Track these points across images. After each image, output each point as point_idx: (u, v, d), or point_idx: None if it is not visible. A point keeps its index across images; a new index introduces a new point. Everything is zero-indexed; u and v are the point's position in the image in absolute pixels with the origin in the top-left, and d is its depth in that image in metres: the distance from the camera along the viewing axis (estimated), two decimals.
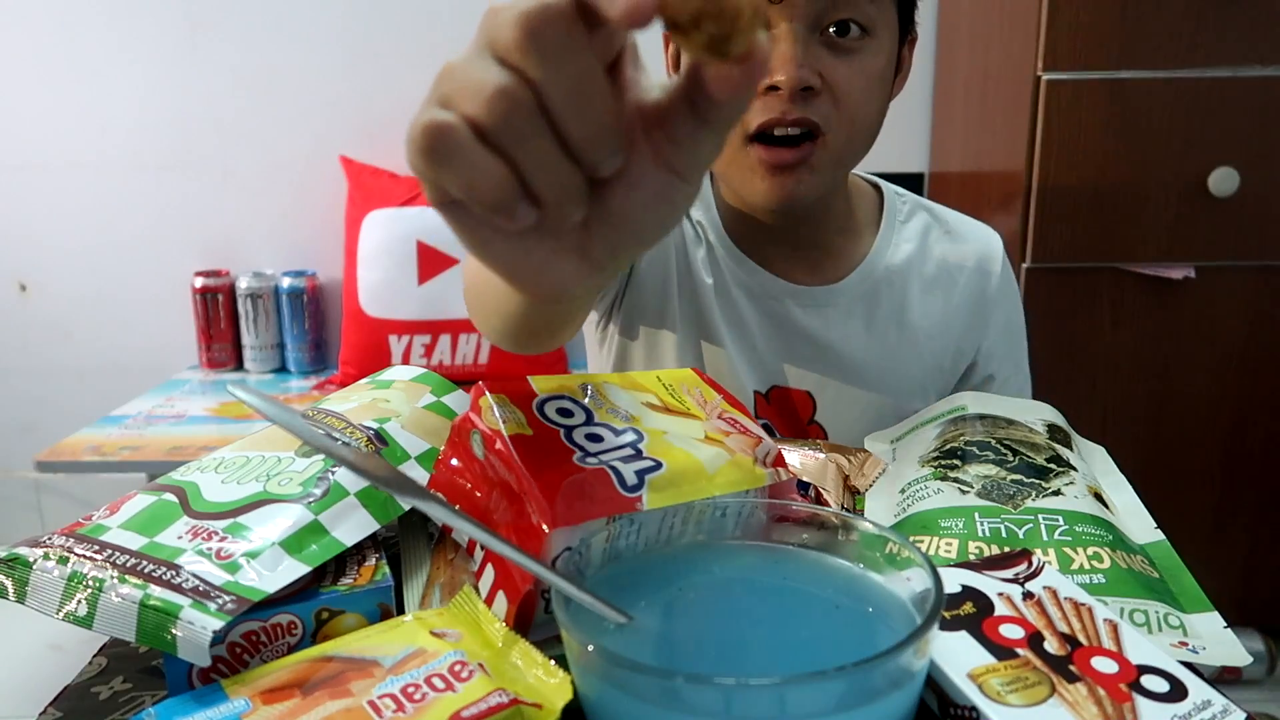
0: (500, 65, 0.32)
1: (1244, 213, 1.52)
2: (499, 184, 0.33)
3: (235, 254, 2.11)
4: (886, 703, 0.34)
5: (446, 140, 0.33)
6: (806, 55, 0.77)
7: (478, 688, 0.38)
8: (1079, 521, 0.52)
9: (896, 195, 0.99)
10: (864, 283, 0.94)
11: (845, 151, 0.83)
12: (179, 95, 2.04)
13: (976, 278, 0.97)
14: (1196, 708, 0.37)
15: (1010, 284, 1.00)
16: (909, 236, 0.97)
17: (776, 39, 0.77)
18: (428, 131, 0.33)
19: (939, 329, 0.95)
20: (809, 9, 0.77)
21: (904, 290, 0.95)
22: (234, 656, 0.44)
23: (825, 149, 0.80)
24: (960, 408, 0.67)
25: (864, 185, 1.00)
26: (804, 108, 0.78)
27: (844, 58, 0.79)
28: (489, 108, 0.32)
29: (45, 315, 2.15)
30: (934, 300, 0.96)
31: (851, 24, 0.78)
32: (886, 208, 0.97)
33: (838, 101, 0.79)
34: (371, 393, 0.60)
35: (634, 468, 0.46)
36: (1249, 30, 1.47)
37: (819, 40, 0.78)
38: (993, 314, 0.98)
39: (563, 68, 0.32)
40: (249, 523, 0.47)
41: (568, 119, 0.32)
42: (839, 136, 0.80)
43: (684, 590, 0.43)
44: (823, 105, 0.79)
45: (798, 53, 0.77)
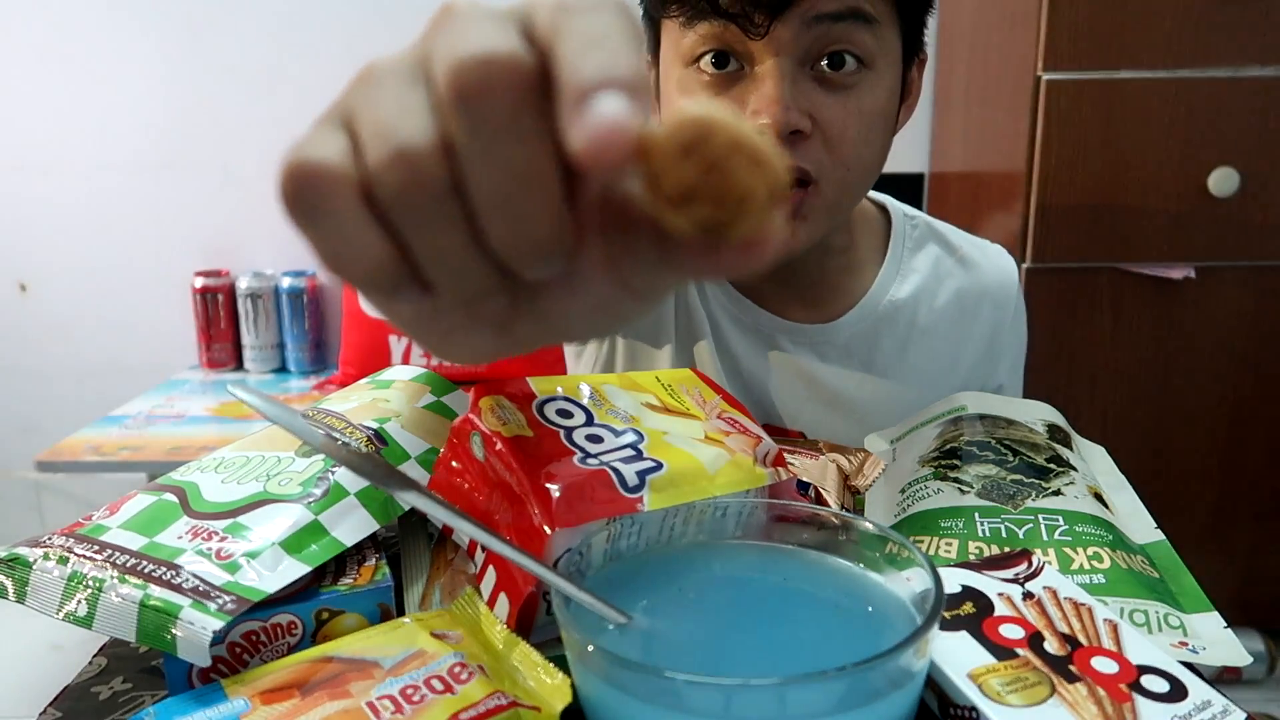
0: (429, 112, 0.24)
1: (1244, 213, 1.52)
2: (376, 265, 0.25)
3: (235, 254, 2.12)
4: (886, 703, 0.34)
5: (315, 192, 0.25)
6: (795, 94, 0.68)
7: (476, 690, 0.38)
8: (1079, 521, 0.52)
9: (906, 219, 0.91)
10: (864, 320, 0.87)
11: (841, 197, 0.75)
12: (179, 95, 2.04)
13: (993, 310, 0.91)
14: (1196, 708, 0.37)
15: (1023, 310, 0.95)
16: (917, 267, 0.89)
17: (761, 77, 0.69)
18: (294, 175, 0.25)
19: (948, 366, 0.89)
20: (795, 42, 0.68)
21: (909, 327, 0.88)
22: (234, 656, 0.44)
23: (818, 196, 0.72)
24: (960, 408, 0.67)
25: (870, 210, 0.92)
26: (792, 154, 0.70)
27: (838, 95, 0.70)
28: (389, 167, 0.24)
29: (45, 315, 2.15)
30: (943, 336, 0.89)
31: (847, 56, 0.69)
32: (894, 235, 0.90)
33: (830, 145, 0.70)
34: (371, 393, 0.60)
35: (634, 468, 0.46)
36: (1249, 30, 1.47)
37: (809, 76, 0.70)
38: (1008, 346, 0.93)
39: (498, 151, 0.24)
40: (249, 523, 0.47)
41: (492, 217, 0.24)
42: (832, 183, 0.72)
43: (684, 590, 0.43)
44: (813, 150, 0.70)
45: (784, 92, 0.68)
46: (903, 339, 0.88)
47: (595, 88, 0.22)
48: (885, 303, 0.88)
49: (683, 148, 0.23)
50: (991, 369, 0.92)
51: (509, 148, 0.24)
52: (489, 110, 0.23)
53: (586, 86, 0.22)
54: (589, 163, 0.22)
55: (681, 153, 0.23)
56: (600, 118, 0.22)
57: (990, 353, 0.91)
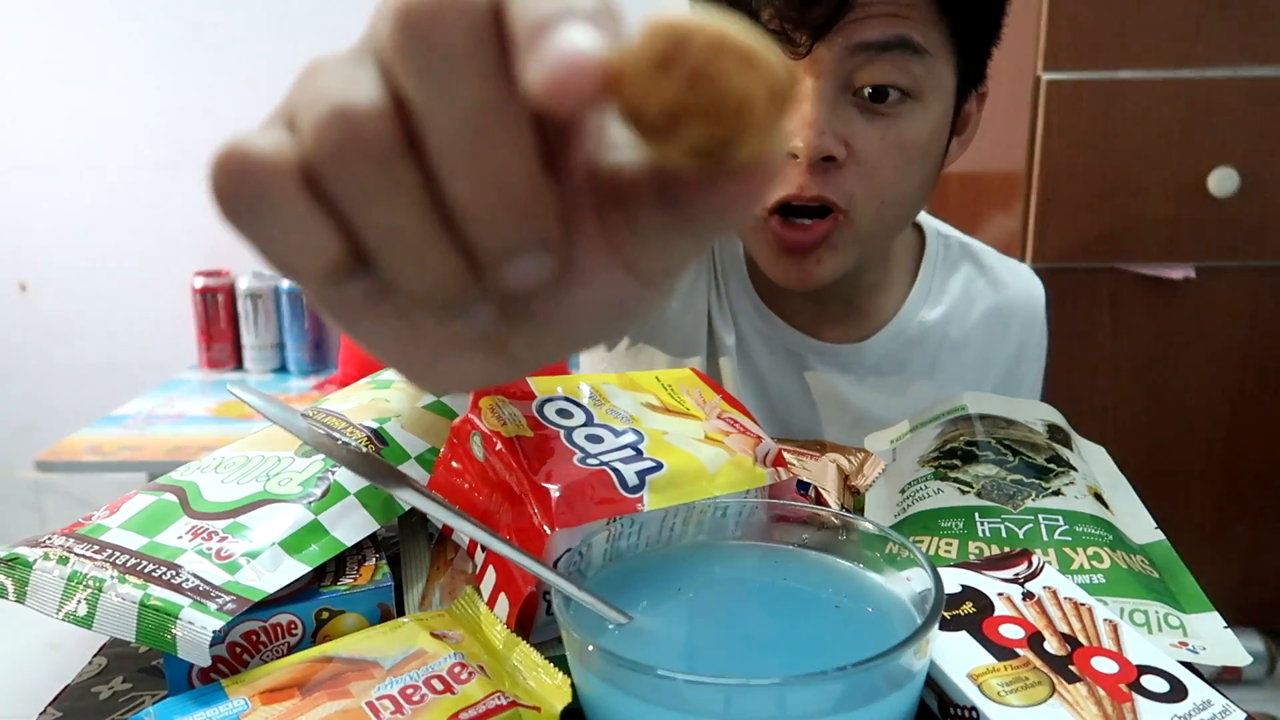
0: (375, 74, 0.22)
1: (1244, 213, 1.52)
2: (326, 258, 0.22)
3: (235, 254, 2.11)
4: (886, 703, 0.34)
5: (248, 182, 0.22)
6: (832, 119, 0.65)
7: (476, 690, 0.38)
8: (1079, 521, 0.52)
9: (941, 239, 0.89)
10: (895, 340, 0.85)
11: (874, 229, 0.71)
12: (179, 95, 2.04)
13: (1020, 330, 0.90)
14: (1196, 708, 0.37)
15: (1045, 331, 0.94)
16: (950, 289, 0.88)
17: (799, 98, 0.65)
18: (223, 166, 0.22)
19: (973, 386, 0.87)
20: (837, 67, 0.64)
21: (939, 348, 0.87)
22: (234, 656, 0.44)
23: (849, 227, 0.69)
24: (960, 408, 0.67)
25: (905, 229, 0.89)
26: (823, 183, 0.66)
27: (877, 123, 0.66)
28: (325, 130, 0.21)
29: (45, 315, 2.14)
30: (971, 356, 0.88)
31: (890, 89, 0.65)
32: (927, 256, 0.88)
33: (865, 175, 0.67)
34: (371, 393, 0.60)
35: (634, 468, 0.46)
36: (1249, 30, 1.47)
37: (849, 101, 0.66)
38: (1031, 365, 0.92)
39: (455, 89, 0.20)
40: (249, 523, 0.47)
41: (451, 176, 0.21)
42: (865, 215, 0.69)
43: (684, 590, 0.43)
44: (847, 180, 0.67)
45: (820, 116, 0.64)
46: (932, 360, 0.87)
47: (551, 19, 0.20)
48: (916, 324, 0.86)
49: (657, 62, 0.19)
50: (1015, 389, 0.91)
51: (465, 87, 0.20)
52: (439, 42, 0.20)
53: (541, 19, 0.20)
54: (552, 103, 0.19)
55: (657, 68, 0.19)
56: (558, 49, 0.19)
57: (1014, 373, 0.91)
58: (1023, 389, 0.92)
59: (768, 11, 0.64)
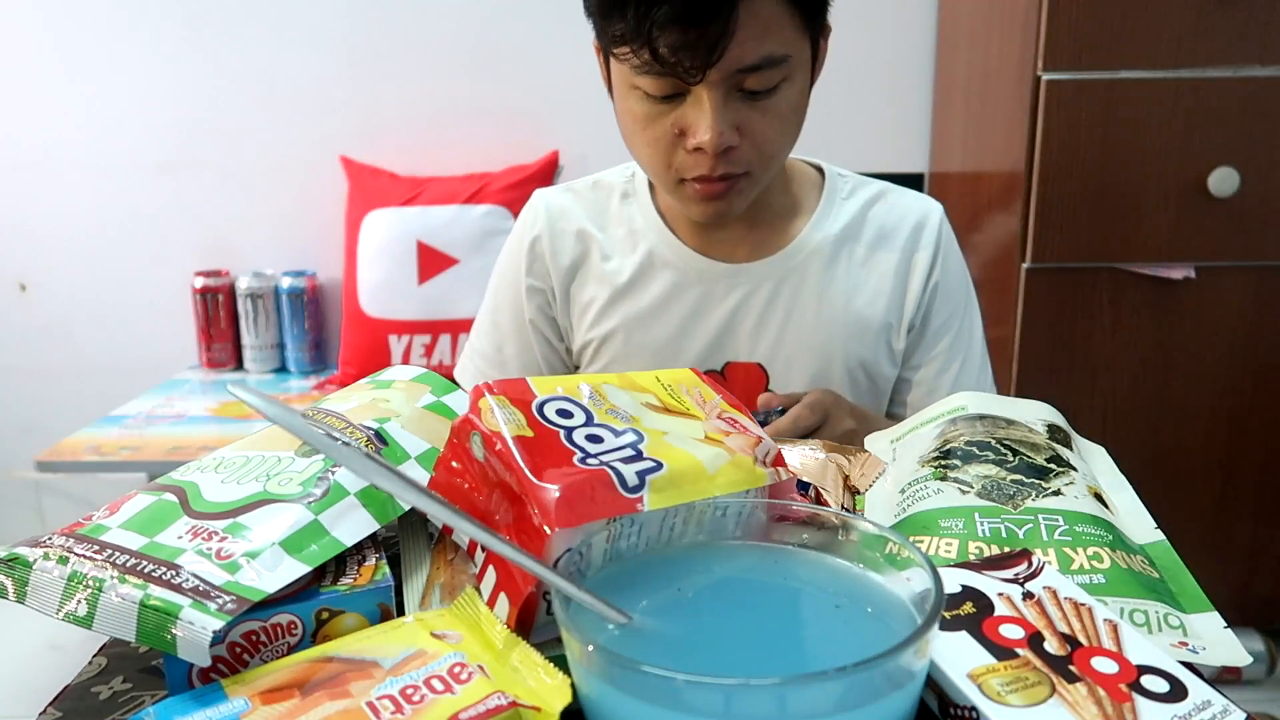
0: None
1: (1244, 213, 1.52)
2: None
3: (235, 254, 2.11)
4: (886, 703, 0.34)
5: None
6: (725, 114, 0.83)
7: (476, 690, 0.38)
8: (1079, 521, 0.52)
9: (839, 176, 1.05)
10: (799, 254, 1.00)
11: (768, 174, 0.91)
12: (179, 95, 2.04)
13: (910, 239, 1.01)
14: (1196, 708, 0.37)
15: (947, 246, 1.04)
16: (849, 209, 1.02)
17: (697, 100, 0.83)
18: None
19: (876, 289, 1.00)
20: (724, 82, 0.82)
21: (844, 257, 1.01)
22: (234, 656, 0.44)
23: (749, 181, 0.89)
24: (960, 408, 0.67)
25: (804, 168, 1.05)
26: (727, 161, 0.85)
27: (759, 105, 0.84)
28: None
29: (45, 315, 2.15)
30: (870, 264, 1.01)
31: (764, 65, 0.81)
32: (827, 187, 1.03)
33: (759, 147, 0.86)
34: (371, 393, 0.60)
35: (635, 468, 0.46)
36: (1249, 30, 1.47)
37: (737, 96, 0.83)
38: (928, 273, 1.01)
39: None
40: (249, 523, 0.47)
41: None
42: (762, 169, 0.89)
43: (684, 590, 0.43)
44: (745, 153, 0.86)
45: (718, 118, 0.82)
46: (839, 268, 1.01)
47: None
48: (818, 238, 1.01)
49: None
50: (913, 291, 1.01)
51: None
52: None
53: None
54: None
55: None
56: None
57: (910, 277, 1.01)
58: (926, 289, 1.02)
59: (664, 50, 0.79)
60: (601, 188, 1.06)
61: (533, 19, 1.99)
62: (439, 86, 2.03)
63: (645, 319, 1.01)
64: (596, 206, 1.05)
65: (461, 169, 2.02)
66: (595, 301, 1.03)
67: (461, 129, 2.04)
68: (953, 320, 1.03)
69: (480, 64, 2.02)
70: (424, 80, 2.03)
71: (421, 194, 1.97)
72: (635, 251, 1.02)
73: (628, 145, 0.93)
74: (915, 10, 1.97)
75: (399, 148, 2.04)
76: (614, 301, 1.02)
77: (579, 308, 1.04)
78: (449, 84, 2.03)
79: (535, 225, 1.04)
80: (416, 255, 1.94)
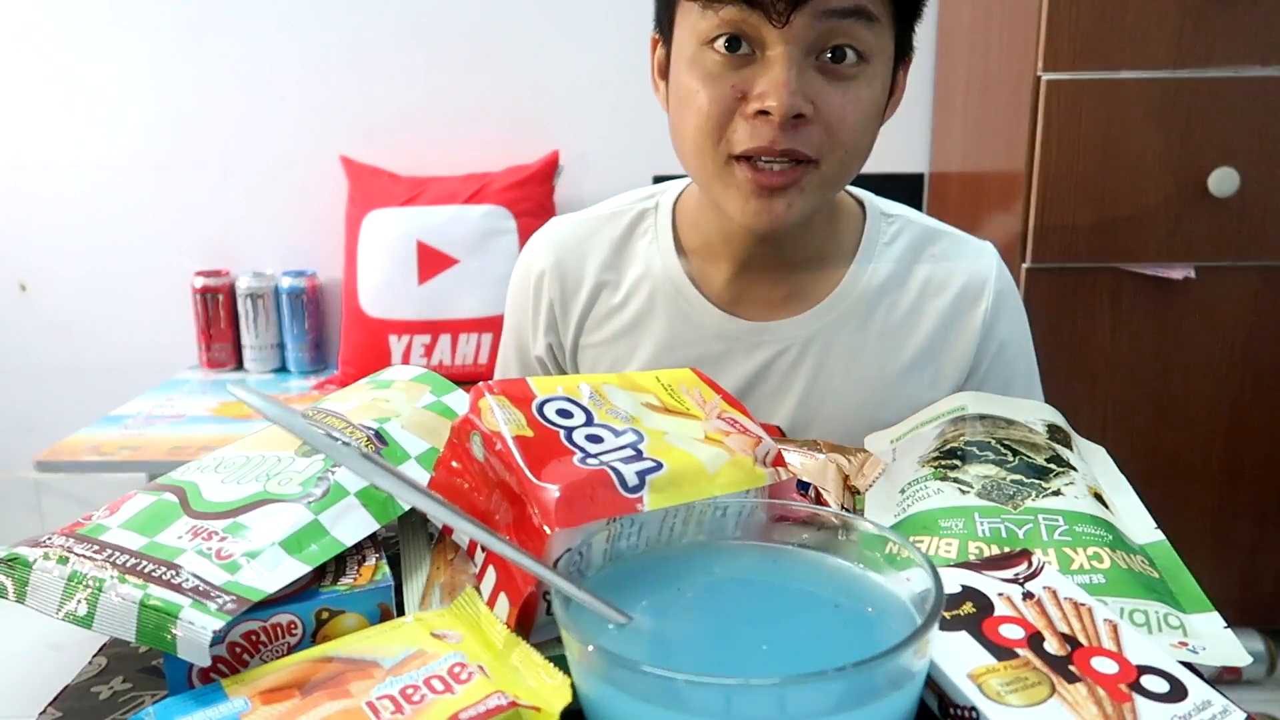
0: None
1: (1244, 213, 1.52)
2: None
3: (235, 254, 2.11)
4: (886, 703, 0.34)
5: None
6: (800, 81, 0.74)
7: (476, 690, 0.38)
8: (1079, 521, 0.52)
9: (883, 215, 0.93)
10: (833, 311, 0.89)
11: (837, 176, 0.80)
12: (179, 95, 2.04)
13: (959, 296, 0.89)
14: (1196, 708, 0.37)
15: (1005, 311, 0.91)
16: (891, 257, 0.90)
17: (770, 62, 0.74)
18: None
19: (916, 353, 0.89)
20: (806, 33, 0.73)
21: (881, 313, 0.89)
22: (234, 656, 0.44)
23: (815, 173, 0.77)
24: (960, 408, 0.67)
25: (846, 200, 0.93)
26: (793, 137, 0.75)
27: (838, 85, 0.75)
28: None
29: (45, 315, 2.14)
30: (912, 323, 0.89)
31: (848, 50, 0.75)
32: (868, 230, 0.91)
33: (830, 130, 0.76)
34: (371, 393, 0.60)
35: (635, 468, 0.46)
36: (1249, 30, 1.47)
37: (814, 66, 0.75)
38: (981, 337, 0.90)
39: None
40: (249, 523, 0.47)
41: None
42: (831, 162, 0.77)
43: (684, 590, 0.43)
44: (814, 134, 0.75)
45: (791, 78, 0.73)
46: (876, 329, 0.89)
47: None
48: (856, 295, 0.89)
49: None
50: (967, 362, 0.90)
51: None
52: None
53: None
54: None
55: None
56: None
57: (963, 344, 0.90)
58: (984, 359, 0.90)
59: None
60: (619, 219, 0.95)
61: (533, 19, 1.99)
62: (439, 86, 2.03)
63: None
64: (614, 242, 0.94)
65: (461, 169, 2.01)
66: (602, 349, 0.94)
67: (461, 129, 2.04)
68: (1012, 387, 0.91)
69: (480, 64, 2.02)
70: (424, 80, 2.03)
71: (421, 194, 1.97)
72: (649, 298, 0.91)
73: (674, 135, 0.82)
74: None
75: (399, 148, 2.04)
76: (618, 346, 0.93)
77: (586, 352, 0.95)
78: (449, 84, 2.03)
79: (543, 264, 0.95)
80: (416, 255, 1.94)
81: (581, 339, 0.95)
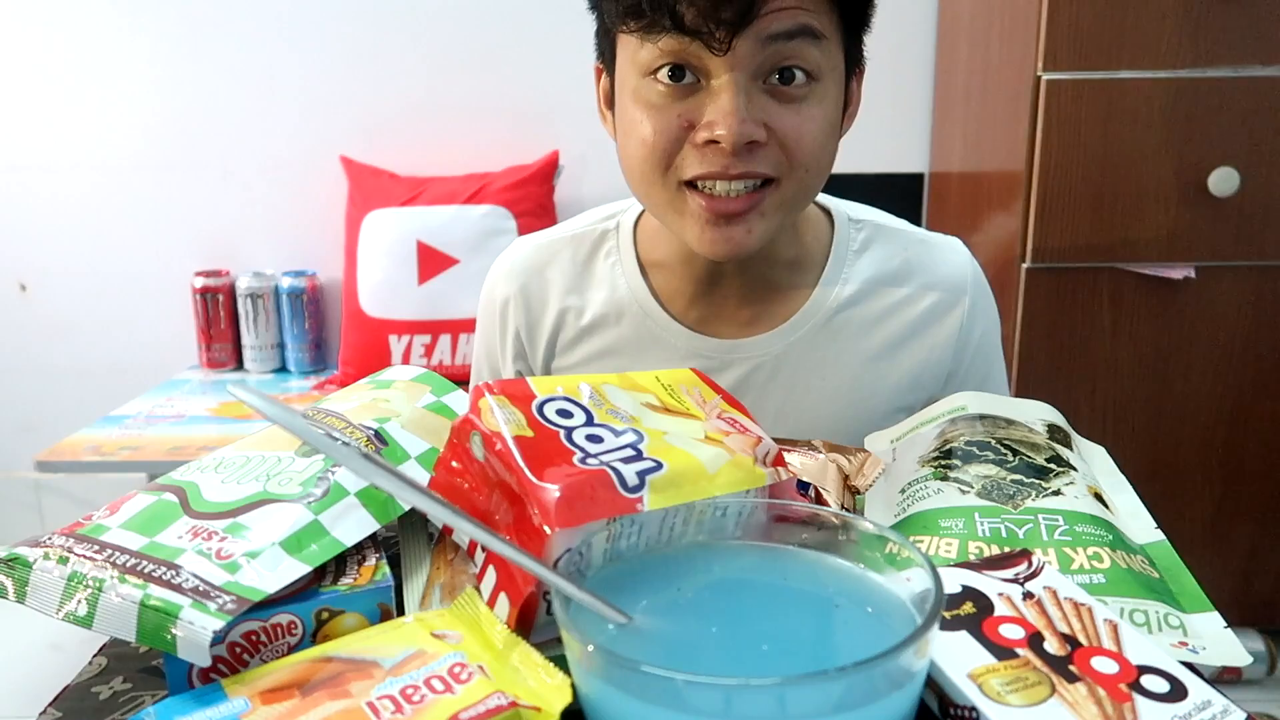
0: None
1: (1244, 213, 1.52)
2: None
3: (235, 254, 2.11)
4: (886, 703, 0.34)
5: None
6: (750, 108, 0.71)
7: (477, 690, 0.38)
8: (1079, 521, 0.52)
9: (850, 222, 0.91)
10: (803, 326, 0.87)
11: (799, 196, 0.78)
12: (179, 95, 2.04)
13: (935, 304, 0.88)
14: (1196, 708, 0.37)
15: (981, 309, 0.90)
16: (862, 268, 0.89)
17: (717, 91, 0.71)
18: None
19: (890, 364, 0.88)
20: (751, 58, 0.71)
21: (853, 324, 0.88)
22: (234, 656, 0.44)
23: (777, 193, 0.75)
24: (960, 408, 0.67)
25: (813, 212, 0.91)
26: (749, 161, 0.73)
27: (791, 105, 0.73)
28: None
29: (45, 315, 2.14)
30: (883, 331, 0.88)
31: (797, 71, 0.72)
32: (836, 238, 0.89)
33: (788, 150, 0.74)
34: (371, 393, 0.60)
35: (635, 468, 0.46)
36: (1249, 30, 1.47)
37: (763, 89, 0.73)
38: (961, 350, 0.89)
39: None
40: (249, 523, 0.47)
41: None
42: (792, 182, 0.75)
43: (684, 590, 0.43)
44: (771, 154, 0.74)
45: (739, 106, 0.71)
46: (846, 344, 0.88)
47: None
48: (824, 310, 0.87)
49: None
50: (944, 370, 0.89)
51: None
52: None
53: None
54: None
55: None
56: None
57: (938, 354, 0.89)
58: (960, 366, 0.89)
59: (690, 13, 0.69)
60: (581, 242, 0.93)
61: (533, 19, 1.99)
62: (439, 86, 2.03)
63: None
64: (576, 266, 0.92)
65: (461, 169, 2.02)
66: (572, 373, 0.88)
67: (461, 129, 2.04)
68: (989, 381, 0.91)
69: (480, 64, 2.02)
70: (424, 80, 2.03)
71: (421, 194, 1.97)
72: (616, 322, 0.90)
73: (623, 165, 0.80)
74: (915, 10, 1.97)
75: (399, 148, 2.04)
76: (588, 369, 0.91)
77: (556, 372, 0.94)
78: (449, 84, 2.03)
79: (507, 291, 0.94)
80: (416, 255, 1.94)
81: (553, 363, 0.94)
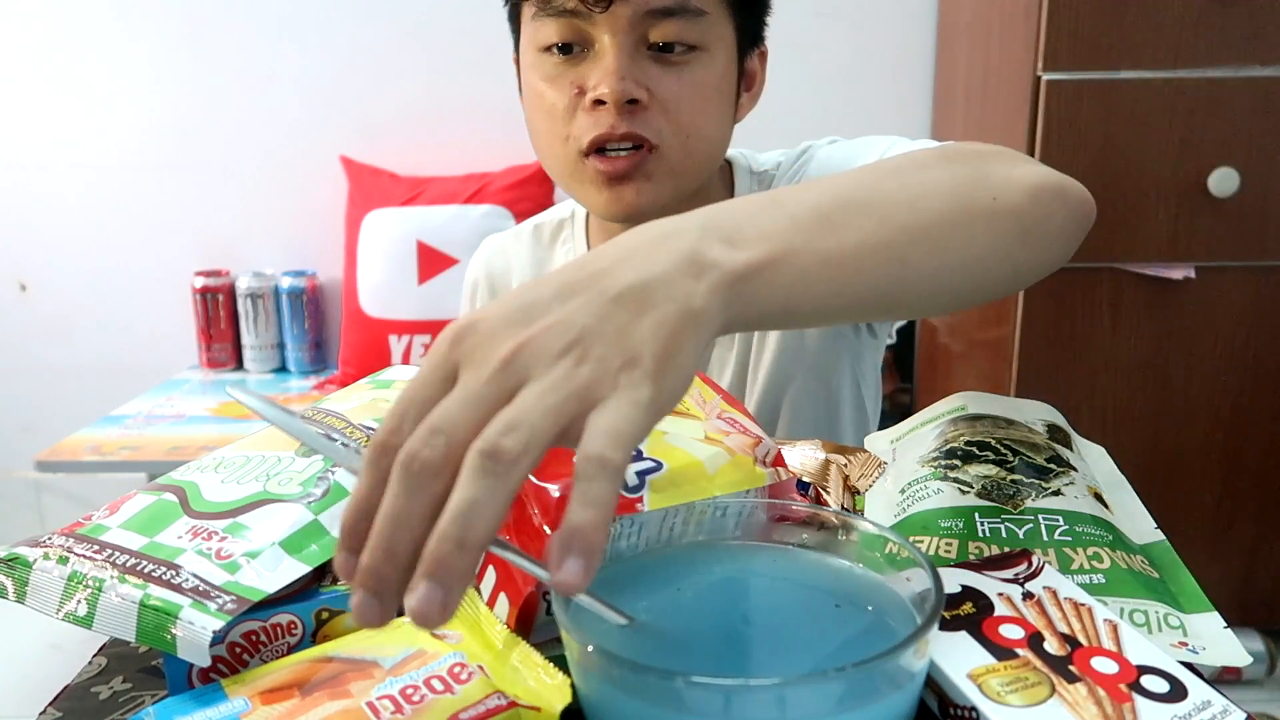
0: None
1: (1244, 213, 1.52)
2: None
3: (235, 254, 2.11)
4: (886, 703, 0.34)
5: None
6: (631, 68, 0.76)
7: (476, 690, 0.38)
8: (1079, 521, 0.52)
9: (752, 176, 0.93)
10: None
11: (684, 163, 0.80)
12: (179, 95, 2.04)
13: None
14: (1196, 708, 0.37)
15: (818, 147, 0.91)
16: None
17: (601, 54, 0.76)
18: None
19: None
20: (632, 26, 0.75)
21: None
22: (234, 656, 0.44)
23: (659, 158, 0.78)
24: (960, 407, 0.67)
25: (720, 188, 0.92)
26: (631, 121, 0.76)
27: (672, 69, 0.77)
28: None
29: (45, 315, 2.14)
30: None
31: (676, 44, 0.77)
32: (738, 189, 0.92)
33: (668, 113, 0.77)
34: (371, 393, 0.60)
35: (634, 468, 0.46)
36: (1249, 30, 1.47)
37: (647, 55, 0.77)
38: None
39: None
40: (249, 523, 0.47)
41: None
42: (673, 148, 0.78)
43: (684, 591, 0.43)
44: (652, 118, 0.77)
45: (621, 65, 0.75)
46: None
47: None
48: None
49: None
50: None
51: None
52: None
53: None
54: None
55: None
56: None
57: None
58: None
59: None
60: (541, 231, 1.01)
61: None
62: (439, 86, 2.03)
63: None
64: (536, 253, 1.00)
65: (461, 169, 2.02)
66: None
67: (461, 129, 2.04)
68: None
69: (480, 64, 2.02)
70: (424, 80, 2.03)
71: (421, 194, 1.97)
72: None
73: (533, 142, 0.85)
74: (915, 10, 1.97)
75: (399, 148, 2.04)
76: None
77: None
78: (449, 84, 2.03)
79: (476, 275, 1.04)
80: (416, 255, 1.94)
81: None
